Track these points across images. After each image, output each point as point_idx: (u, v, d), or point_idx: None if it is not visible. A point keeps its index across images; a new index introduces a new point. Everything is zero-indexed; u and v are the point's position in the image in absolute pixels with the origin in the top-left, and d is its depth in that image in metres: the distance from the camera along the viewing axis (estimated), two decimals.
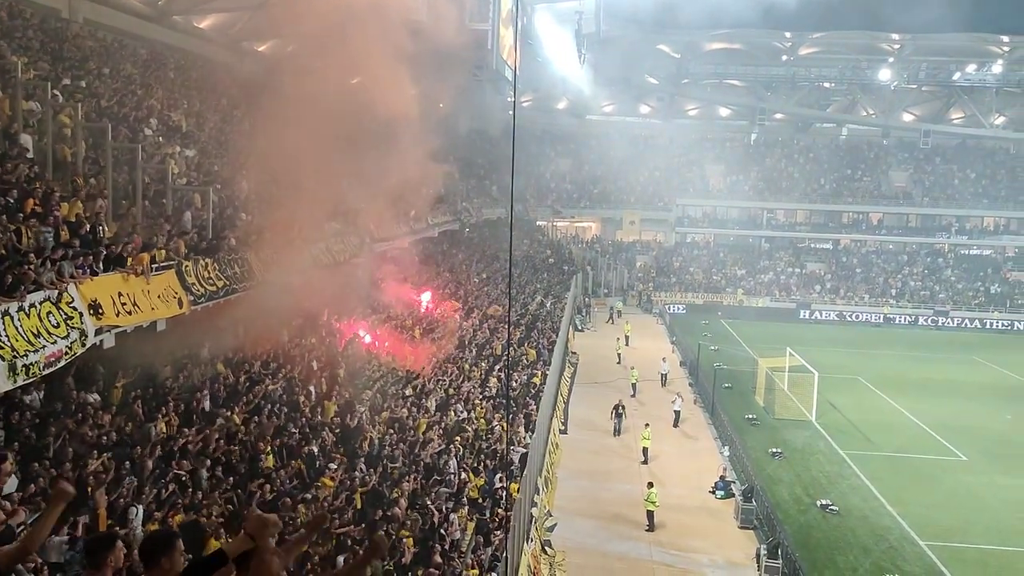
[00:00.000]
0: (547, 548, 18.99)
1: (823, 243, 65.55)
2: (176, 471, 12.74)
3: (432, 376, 24.25)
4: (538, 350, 31.68)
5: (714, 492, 23.38)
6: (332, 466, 15.83)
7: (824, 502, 22.80)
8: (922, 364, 43.02)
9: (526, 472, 18.83)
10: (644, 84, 72.27)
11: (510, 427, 21.09)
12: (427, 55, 23.85)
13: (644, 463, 25.71)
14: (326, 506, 14.05)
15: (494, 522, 17.06)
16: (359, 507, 15.06)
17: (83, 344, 11.54)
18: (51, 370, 10.92)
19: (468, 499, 17.91)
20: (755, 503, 21.63)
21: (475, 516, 17.37)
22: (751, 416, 31.03)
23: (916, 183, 67.44)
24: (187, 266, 15.12)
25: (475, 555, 15.74)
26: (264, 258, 18.32)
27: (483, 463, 19.84)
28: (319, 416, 18.00)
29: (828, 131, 74.08)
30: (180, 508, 12.01)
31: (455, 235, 44.94)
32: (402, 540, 14.23)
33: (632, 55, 66.08)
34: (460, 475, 18.52)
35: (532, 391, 26.00)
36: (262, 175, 21.67)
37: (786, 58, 70.42)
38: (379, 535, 13.05)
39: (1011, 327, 54.64)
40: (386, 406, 20.53)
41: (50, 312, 10.94)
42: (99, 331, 12.04)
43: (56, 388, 13.17)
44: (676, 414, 30.27)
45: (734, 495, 22.59)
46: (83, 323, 11.56)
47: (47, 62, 19.53)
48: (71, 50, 22.02)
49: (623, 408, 29.06)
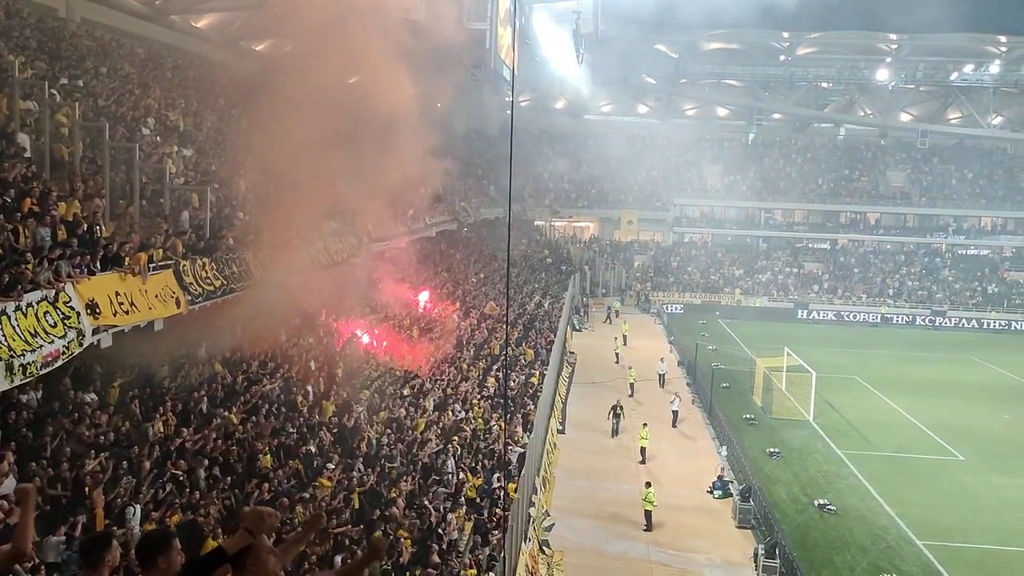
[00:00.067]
0: (545, 548, 18.98)
1: (821, 243, 65.59)
2: (174, 471, 12.73)
3: (430, 376, 24.26)
4: (536, 350, 31.69)
5: (712, 492, 23.39)
6: (330, 466, 15.82)
7: (822, 502, 22.81)
8: (920, 364, 43.05)
9: (524, 472, 18.83)
10: (642, 84, 72.31)
11: (508, 427, 21.09)
12: (425, 54, 23.86)
13: (642, 463, 25.71)
14: (324, 506, 14.04)
15: (492, 522, 17.07)
16: (357, 507, 15.05)
17: (80, 344, 11.53)
18: (48, 370, 10.91)
19: (466, 499, 17.92)
20: (753, 503, 21.63)
21: (473, 516, 17.37)
22: (749, 416, 31.03)
23: (914, 183, 67.52)
24: (185, 266, 15.10)
25: (473, 555, 15.74)
26: (262, 258, 18.32)
27: (481, 463, 19.85)
28: (317, 416, 17.99)
29: (826, 131, 74.11)
30: (178, 508, 11.99)
31: (453, 235, 44.95)
32: (400, 540, 14.23)
33: (630, 55, 66.14)
34: (458, 475, 18.53)
35: (530, 391, 26.02)
36: (260, 174, 21.67)
37: (784, 58, 70.49)
38: (378, 536, 13.01)
39: (1008, 327, 54.70)
40: (384, 406, 20.52)
41: (47, 312, 10.92)
42: (96, 331, 12.03)
43: (53, 388, 13.16)
44: (674, 414, 30.26)
45: (732, 495, 22.59)
46: (80, 323, 11.54)
47: (44, 61, 19.51)
48: (68, 49, 21.99)
49: (621, 409, 29.03)
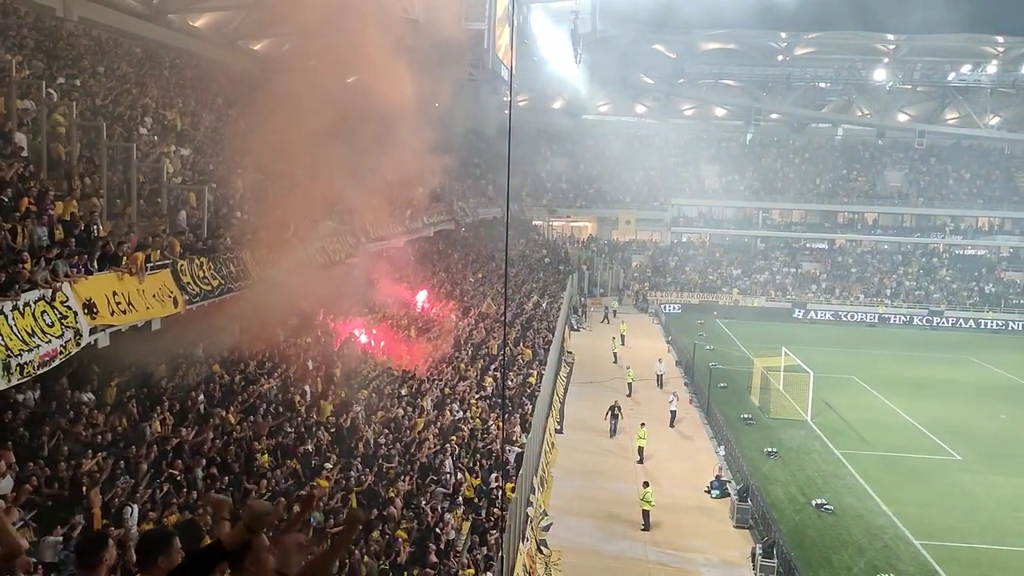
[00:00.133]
0: (543, 548, 18.98)
1: (818, 243, 65.67)
2: (171, 470, 12.71)
3: (428, 376, 24.25)
4: (534, 350, 31.68)
5: (710, 491, 23.40)
6: (328, 466, 15.81)
7: (819, 501, 22.83)
8: (917, 364, 43.12)
9: (522, 472, 18.81)
10: (640, 84, 72.37)
11: (506, 427, 21.10)
12: (423, 54, 23.84)
13: (640, 463, 25.72)
14: (321, 507, 14.02)
15: (490, 522, 17.07)
16: (355, 507, 15.04)
17: (78, 343, 11.51)
18: (45, 369, 10.89)
19: (464, 499, 17.91)
20: (750, 502, 21.65)
21: (471, 516, 17.37)
22: (747, 416, 31.05)
23: (911, 183, 67.62)
24: (182, 265, 15.08)
25: (471, 555, 15.74)
26: (259, 257, 18.29)
27: (479, 463, 19.84)
28: (315, 416, 17.98)
29: (823, 131, 74.20)
30: (175, 508, 11.97)
31: (451, 235, 44.94)
32: (398, 540, 14.23)
33: (628, 55, 66.26)
34: (456, 475, 18.52)
35: (528, 391, 26.02)
36: (257, 174, 21.65)
37: (782, 58, 70.58)
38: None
39: (1005, 327, 54.82)
40: (382, 406, 20.51)
41: (44, 311, 10.90)
42: (94, 330, 12.01)
43: (51, 387, 13.13)
44: (672, 414, 30.27)
45: (729, 494, 22.60)
46: (78, 322, 11.52)
47: (42, 60, 19.48)
48: (66, 48, 21.96)
49: (619, 410, 29.01)
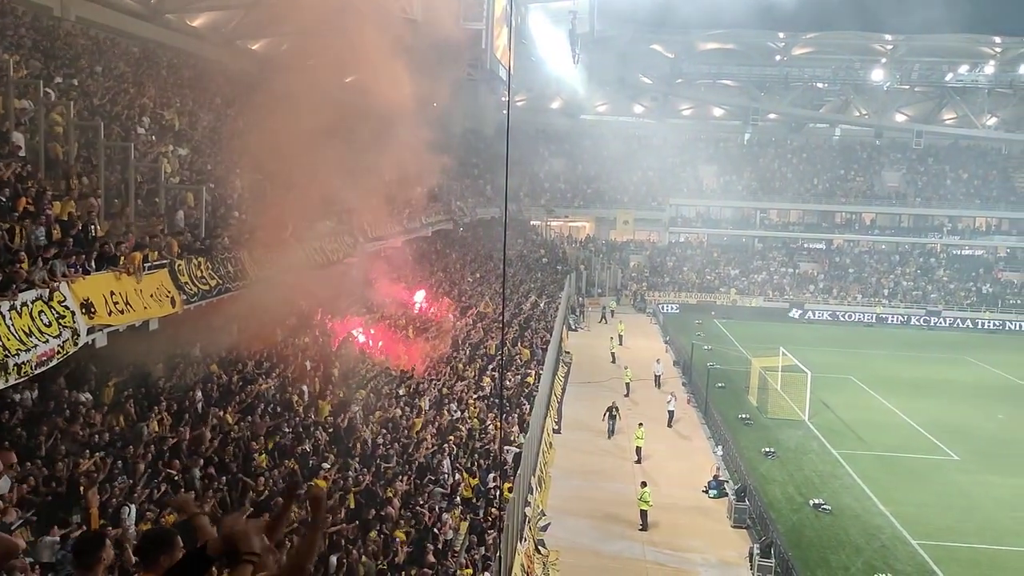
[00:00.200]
0: (541, 547, 18.99)
1: (816, 243, 65.70)
2: (168, 470, 12.70)
3: (426, 376, 24.24)
4: (532, 350, 31.68)
5: (707, 491, 23.42)
6: (326, 466, 15.81)
7: (817, 501, 22.85)
8: (914, 364, 43.17)
9: (520, 472, 18.81)
10: (638, 84, 72.39)
11: (504, 427, 21.10)
12: (421, 54, 23.84)
13: (637, 462, 25.73)
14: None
15: (488, 522, 17.07)
16: (353, 507, 15.05)
17: (75, 343, 11.50)
18: (43, 369, 10.87)
19: (462, 499, 17.92)
20: (748, 502, 21.67)
21: (469, 516, 17.37)
22: (744, 416, 31.07)
23: (909, 183, 67.70)
24: (180, 265, 15.07)
25: (469, 555, 15.75)
26: (257, 257, 18.28)
27: (477, 463, 19.85)
28: (313, 416, 17.97)
29: (821, 131, 74.26)
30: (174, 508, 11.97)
31: (449, 234, 44.93)
32: (395, 540, 14.23)
33: (626, 55, 66.25)
34: (454, 475, 18.52)
35: (526, 391, 26.03)
36: (255, 174, 21.63)
37: (780, 58, 70.64)
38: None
39: (1002, 327, 54.89)
40: (379, 406, 20.50)
41: (42, 311, 10.89)
42: (91, 330, 12.00)
43: (48, 387, 13.12)
44: (670, 414, 30.28)
45: (727, 494, 22.62)
46: (75, 322, 11.51)
47: (39, 60, 19.47)
48: (63, 48, 21.94)
49: (617, 410, 28.99)
